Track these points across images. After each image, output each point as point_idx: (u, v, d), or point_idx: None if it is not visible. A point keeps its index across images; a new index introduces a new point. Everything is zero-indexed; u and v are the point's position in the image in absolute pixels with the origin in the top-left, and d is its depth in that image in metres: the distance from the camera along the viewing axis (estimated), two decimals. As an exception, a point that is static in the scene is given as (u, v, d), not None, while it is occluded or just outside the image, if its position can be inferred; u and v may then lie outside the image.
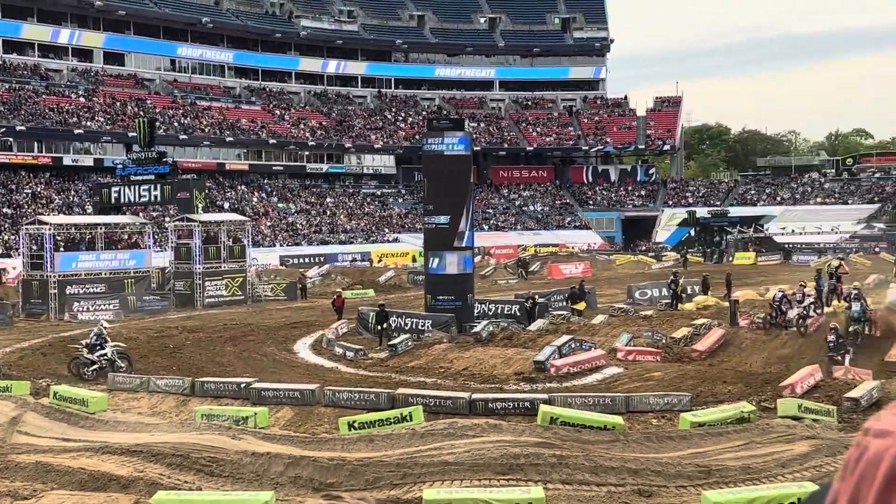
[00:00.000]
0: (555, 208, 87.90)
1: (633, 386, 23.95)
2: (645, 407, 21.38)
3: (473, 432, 18.03)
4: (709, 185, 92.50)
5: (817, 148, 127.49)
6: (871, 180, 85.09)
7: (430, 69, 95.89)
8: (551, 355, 26.40)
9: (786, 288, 35.25)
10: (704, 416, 19.33)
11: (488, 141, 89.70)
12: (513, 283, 53.59)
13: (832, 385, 22.69)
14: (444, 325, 31.99)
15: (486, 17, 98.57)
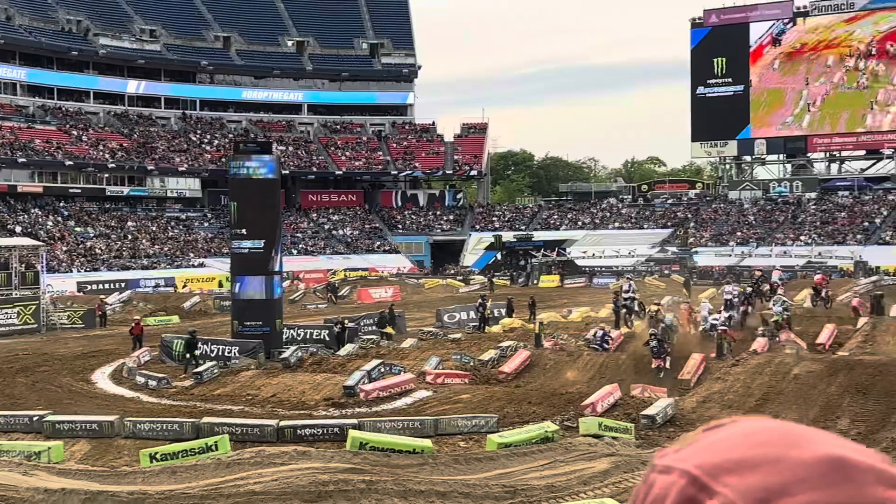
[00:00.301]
0: (364, 232, 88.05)
1: (442, 409, 24.14)
2: (453, 429, 21.58)
3: (281, 460, 17.68)
4: (514, 210, 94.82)
5: (615, 175, 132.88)
6: (664, 206, 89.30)
7: (237, 91, 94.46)
8: (361, 380, 26.30)
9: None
10: (510, 436, 19.65)
11: (297, 164, 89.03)
12: (322, 308, 53.21)
13: (630, 403, 23.56)
14: (252, 351, 31.40)
15: (293, 40, 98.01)
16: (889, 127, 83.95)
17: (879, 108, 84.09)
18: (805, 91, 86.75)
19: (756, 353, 27.88)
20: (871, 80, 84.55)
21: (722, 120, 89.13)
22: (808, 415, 22.35)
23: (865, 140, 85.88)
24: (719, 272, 67.45)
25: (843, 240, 74.43)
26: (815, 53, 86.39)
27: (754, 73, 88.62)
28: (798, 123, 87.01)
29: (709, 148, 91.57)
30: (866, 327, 32.99)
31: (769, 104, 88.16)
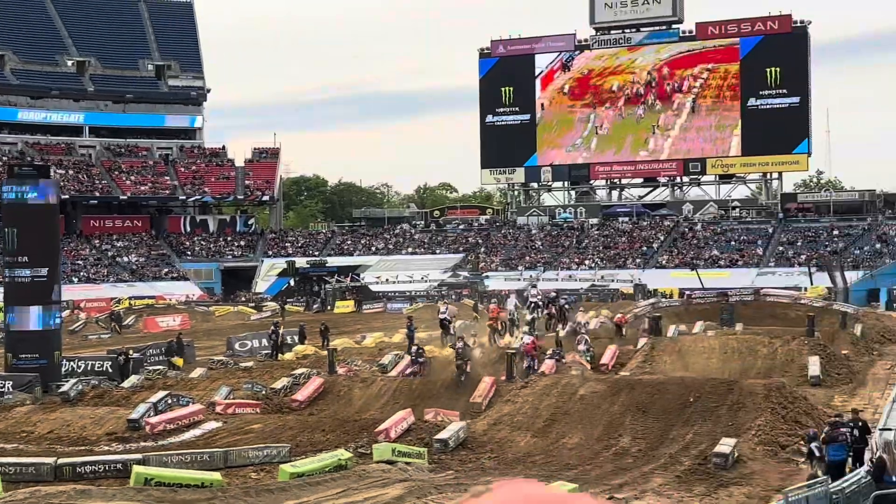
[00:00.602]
0: (151, 259, 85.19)
1: (233, 440, 23.52)
2: (244, 461, 21.06)
3: (59, 500, 16.70)
4: (307, 236, 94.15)
5: (408, 200, 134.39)
6: (456, 231, 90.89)
7: (13, 112, 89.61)
8: (146, 412, 25.33)
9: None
10: (303, 466, 19.31)
11: (77, 189, 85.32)
12: (105, 338, 50.97)
13: (423, 427, 23.66)
14: (27, 385, 29.68)
15: (73, 59, 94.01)
16: (667, 155, 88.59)
17: (661, 132, 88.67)
18: (592, 115, 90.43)
19: (544, 375, 28.65)
20: (649, 109, 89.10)
21: (510, 148, 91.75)
22: (593, 434, 23.09)
23: (643, 168, 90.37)
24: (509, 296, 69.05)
25: (623, 263, 77.86)
26: (601, 79, 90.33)
27: (545, 97, 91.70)
28: (587, 146, 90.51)
29: (498, 175, 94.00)
30: (646, 348, 34.52)
31: (559, 127, 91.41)
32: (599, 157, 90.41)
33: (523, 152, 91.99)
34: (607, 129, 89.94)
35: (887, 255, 71.04)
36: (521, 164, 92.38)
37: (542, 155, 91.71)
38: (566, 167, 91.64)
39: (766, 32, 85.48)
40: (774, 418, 22.44)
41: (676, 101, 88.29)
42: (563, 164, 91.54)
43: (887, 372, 32.65)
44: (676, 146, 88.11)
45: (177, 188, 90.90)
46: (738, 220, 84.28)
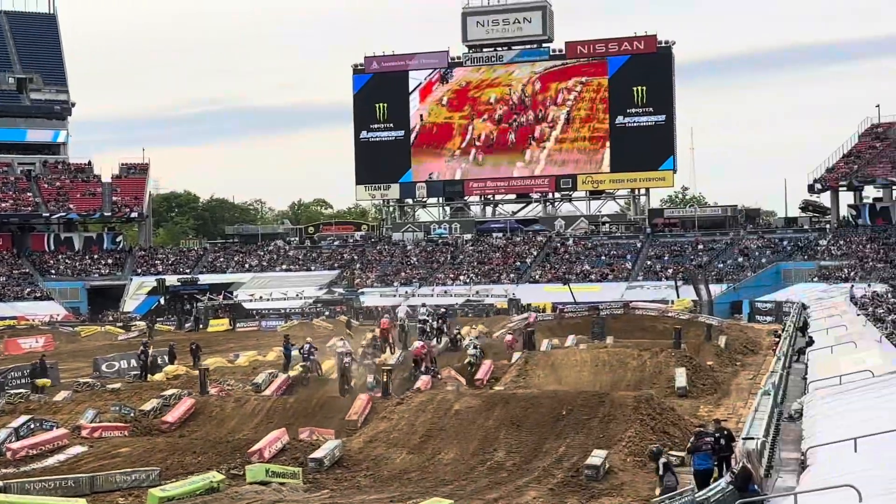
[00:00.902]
0: (12, 278, 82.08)
1: (99, 464, 22.82)
2: (111, 486, 20.47)
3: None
4: (178, 253, 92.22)
5: (282, 217, 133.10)
6: (330, 247, 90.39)
7: None
8: (7, 438, 24.41)
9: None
10: (173, 490, 18.86)
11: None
12: (-36, 362, 48.82)
13: (298, 447, 23.39)
14: None
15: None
16: (542, 169, 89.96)
17: (536, 145, 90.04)
18: (471, 126, 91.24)
19: (420, 391, 28.69)
20: (525, 122, 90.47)
21: (385, 164, 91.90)
22: (469, 448, 23.23)
23: (516, 185, 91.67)
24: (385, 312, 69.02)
25: (497, 279, 78.71)
26: (479, 91, 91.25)
27: (424, 108, 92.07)
28: (466, 158, 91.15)
29: (373, 191, 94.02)
30: (520, 362, 34.94)
31: (439, 138, 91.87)
32: (478, 170, 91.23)
33: (398, 168, 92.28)
34: (484, 140, 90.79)
35: (749, 269, 73.71)
36: (395, 181, 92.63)
37: (418, 170, 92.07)
38: (441, 183, 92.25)
39: (632, 52, 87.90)
40: (644, 429, 22.98)
41: (551, 114, 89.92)
42: (438, 181, 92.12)
43: (750, 382, 33.82)
44: (552, 158, 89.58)
45: (40, 205, 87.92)
46: (607, 235, 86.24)
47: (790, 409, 23.04)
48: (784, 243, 77.87)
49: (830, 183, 78.48)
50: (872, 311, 40.37)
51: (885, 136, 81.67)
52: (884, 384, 22.52)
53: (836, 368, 26.85)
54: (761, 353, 41.91)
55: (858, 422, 18.22)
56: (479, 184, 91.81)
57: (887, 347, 28.31)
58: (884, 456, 14.99)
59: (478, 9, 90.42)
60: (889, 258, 67.81)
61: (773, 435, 19.13)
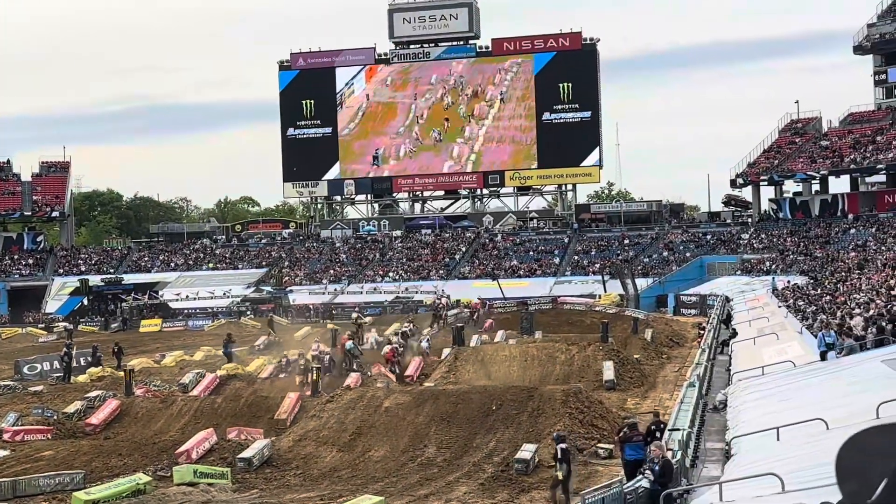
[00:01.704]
0: (-71, 280, 79.96)
1: (22, 468, 22.36)
2: (34, 490, 20.07)
3: None
4: (101, 253, 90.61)
5: (208, 215, 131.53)
6: (258, 246, 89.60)
7: None
8: (-76, 445, 23.69)
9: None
10: (98, 493, 18.55)
11: None
12: None
13: (226, 447, 23.17)
14: None
15: None
16: (472, 160, 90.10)
17: (465, 142, 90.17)
18: (413, 105, 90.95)
19: (349, 389, 28.60)
20: (460, 110, 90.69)
21: (312, 161, 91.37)
22: (399, 445, 23.23)
23: (445, 181, 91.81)
24: (315, 309, 68.73)
25: (427, 275, 78.79)
26: (420, 73, 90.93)
27: (370, 88, 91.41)
28: (409, 132, 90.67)
29: (300, 188, 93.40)
30: (449, 358, 35.02)
31: (383, 117, 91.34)
32: (418, 152, 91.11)
33: (325, 165, 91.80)
34: (425, 119, 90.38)
35: (674, 263, 74.87)
36: (322, 178, 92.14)
37: (365, 146, 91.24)
38: (369, 180, 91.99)
39: (557, 49, 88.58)
40: (573, 423, 23.20)
41: (477, 110, 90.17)
42: (366, 177, 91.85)
43: (676, 374, 34.35)
44: (480, 153, 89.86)
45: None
46: (535, 230, 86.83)
47: (715, 399, 23.45)
48: (707, 237, 79.24)
49: (752, 178, 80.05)
50: (793, 302, 41.25)
51: (804, 131, 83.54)
52: (805, 374, 23.04)
53: (759, 359, 27.41)
54: (686, 346, 42.59)
55: (781, 411, 18.61)
56: (407, 180, 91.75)
57: (808, 339, 28.97)
58: (805, 444, 15.33)
59: (404, 5, 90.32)
60: (809, 251, 69.42)
61: (698, 425, 19.45)
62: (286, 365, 34.54)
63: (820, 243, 71.19)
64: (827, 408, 17.26)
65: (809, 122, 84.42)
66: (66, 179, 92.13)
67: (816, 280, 52.38)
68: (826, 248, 68.52)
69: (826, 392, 19.99)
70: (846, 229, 72.69)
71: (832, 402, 18.20)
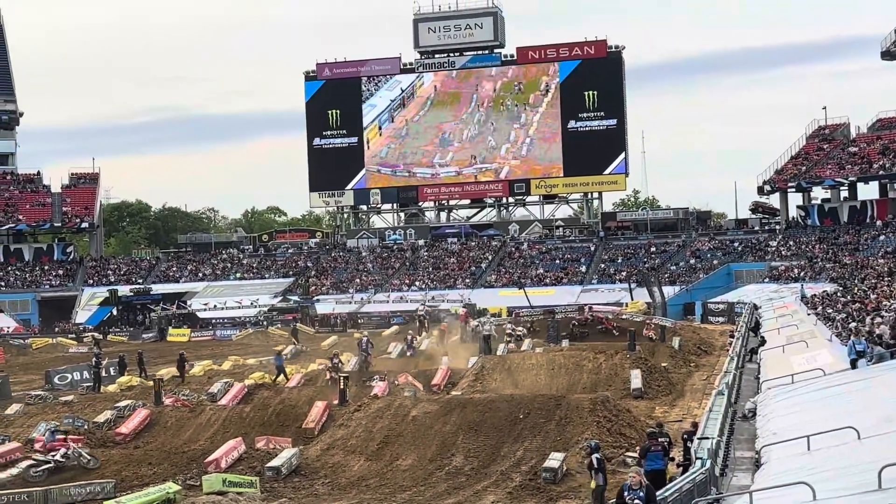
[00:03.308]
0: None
1: (54, 478, 22.52)
2: (66, 499, 20.27)
3: None
4: (130, 263, 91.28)
5: (235, 225, 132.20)
6: (285, 255, 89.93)
7: None
8: (-43, 454, 23.93)
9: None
10: (128, 501, 18.72)
11: None
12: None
13: (255, 456, 23.26)
14: None
15: None
16: (505, 167, 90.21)
17: (499, 144, 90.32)
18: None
19: (377, 398, 28.65)
20: (492, 115, 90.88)
21: (338, 170, 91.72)
22: (427, 454, 23.24)
23: (470, 190, 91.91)
24: (341, 319, 68.95)
25: (453, 284, 78.79)
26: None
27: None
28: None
29: (327, 198, 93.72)
30: (476, 367, 35.00)
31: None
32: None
33: (350, 175, 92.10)
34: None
35: (701, 270, 74.48)
36: (349, 187, 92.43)
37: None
38: (395, 189, 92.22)
39: (582, 57, 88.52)
40: (600, 431, 23.14)
41: (504, 118, 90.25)
42: (392, 186, 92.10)
43: (704, 382, 34.18)
44: (511, 159, 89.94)
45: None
46: (561, 238, 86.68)
47: (744, 408, 23.31)
48: (735, 244, 78.81)
49: (779, 185, 79.57)
50: (823, 310, 40.94)
51: (831, 137, 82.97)
52: (835, 382, 22.87)
53: (789, 367, 27.22)
54: (714, 354, 42.37)
55: (811, 420, 18.48)
56: (433, 189, 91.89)
57: (838, 346, 28.74)
58: (836, 453, 15.22)
59: (429, 15, 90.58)
60: (837, 258, 68.86)
61: (727, 434, 19.35)
62: (366, 346, 40.15)
63: (849, 250, 70.63)
64: (858, 416, 17.13)
65: (837, 128, 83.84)
66: (95, 190, 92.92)
67: (846, 287, 51.95)
68: (855, 255, 67.96)
69: (857, 400, 19.84)
70: (875, 236, 72.08)
71: (863, 411, 18.05)
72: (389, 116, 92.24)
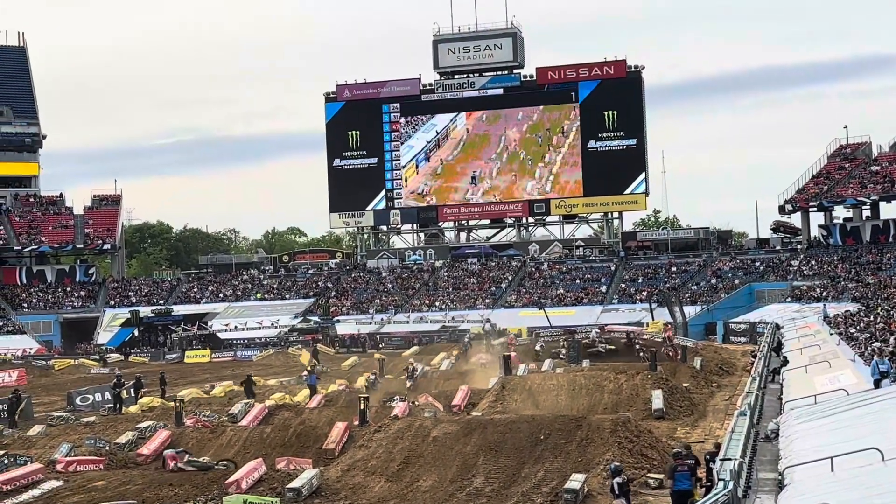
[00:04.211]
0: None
1: (75, 499, 22.65)
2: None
3: None
4: (151, 284, 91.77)
5: (256, 246, 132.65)
6: (305, 276, 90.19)
7: None
8: (-20, 475, 24.03)
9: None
10: (150, 523, 18.69)
11: None
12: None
13: (275, 477, 23.25)
14: None
15: None
16: (519, 195, 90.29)
17: (523, 168, 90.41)
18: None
19: (397, 419, 28.60)
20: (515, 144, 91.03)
21: (358, 191, 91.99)
22: (447, 475, 23.16)
23: (490, 210, 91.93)
24: (361, 340, 69.01)
25: (473, 304, 78.75)
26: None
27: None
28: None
29: (347, 218, 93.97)
30: (496, 387, 34.90)
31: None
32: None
33: (371, 195, 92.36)
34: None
35: (722, 290, 74.15)
36: (369, 208, 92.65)
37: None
38: (415, 210, 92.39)
39: (602, 77, 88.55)
40: (622, 452, 22.99)
41: (525, 138, 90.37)
42: (412, 208, 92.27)
43: (726, 403, 33.95)
44: (529, 182, 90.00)
45: (11, 238, 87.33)
46: (582, 258, 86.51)
47: (766, 429, 23.15)
48: (756, 264, 78.44)
49: (801, 204, 79.22)
50: (845, 330, 40.66)
51: (853, 156, 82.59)
52: (859, 403, 22.68)
53: (811, 388, 27.03)
54: (736, 374, 42.09)
55: (834, 441, 18.34)
56: (452, 209, 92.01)
57: (861, 366, 28.52)
58: (860, 474, 15.09)
59: (448, 36, 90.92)
60: (860, 277, 68.42)
61: (750, 455, 19.22)
62: (413, 371, 42.17)
63: (872, 269, 70.17)
64: (882, 437, 16.98)
65: (859, 147, 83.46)
66: (117, 212, 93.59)
67: (868, 307, 51.56)
68: (878, 275, 67.49)
69: (881, 421, 19.66)
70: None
71: (888, 432, 17.89)
72: (426, 156, 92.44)
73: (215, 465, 25.17)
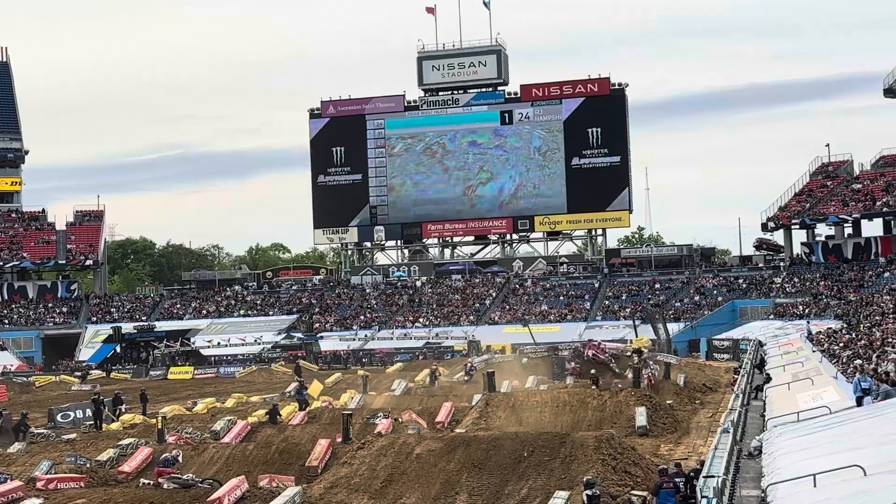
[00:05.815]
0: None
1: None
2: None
3: None
4: (134, 300, 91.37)
5: (239, 262, 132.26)
6: (289, 292, 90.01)
7: None
8: (-41, 493, 23.78)
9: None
10: (131, 541, 18.52)
11: None
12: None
13: (258, 494, 23.11)
14: None
15: None
16: (504, 206, 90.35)
17: (493, 179, 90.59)
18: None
19: (380, 435, 28.51)
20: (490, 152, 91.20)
21: (342, 207, 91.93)
22: (430, 492, 23.07)
23: (474, 227, 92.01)
24: (344, 356, 68.82)
25: (457, 321, 78.71)
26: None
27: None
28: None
29: (331, 234, 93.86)
30: (480, 404, 34.84)
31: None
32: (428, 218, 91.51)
33: (354, 211, 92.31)
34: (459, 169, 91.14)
35: (706, 307, 74.36)
36: (353, 224, 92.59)
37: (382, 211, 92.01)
38: (399, 226, 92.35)
39: (586, 94, 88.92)
40: (605, 469, 22.96)
41: (508, 155, 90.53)
42: (396, 223, 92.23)
43: (709, 420, 33.97)
44: (511, 200, 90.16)
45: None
46: (566, 275, 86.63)
47: (750, 446, 23.16)
48: (739, 281, 78.73)
49: (783, 221, 79.63)
50: (828, 347, 40.82)
51: (835, 174, 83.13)
52: (841, 420, 22.73)
53: (794, 405, 27.08)
54: (720, 391, 42.14)
55: (817, 457, 18.36)
56: (436, 226, 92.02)
57: (843, 384, 28.61)
58: (843, 491, 15.11)
59: (433, 53, 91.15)
60: (842, 295, 68.76)
61: (733, 472, 19.22)
62: (470, 369, 44.67)
63: (854, 287, 70.53)
64: (864, 454, 17.01)
65: (841, 164, 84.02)
66: (100, 228, 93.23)
67: (851, 324, 51.80)
68: (860, 292, 67.84)
69: (863, 438, 19.70)
70: (880, 273, 72.02)
71: (870, 448, 17.93)
72: (410, 173, 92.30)
73: (198, 483, 25.00)
